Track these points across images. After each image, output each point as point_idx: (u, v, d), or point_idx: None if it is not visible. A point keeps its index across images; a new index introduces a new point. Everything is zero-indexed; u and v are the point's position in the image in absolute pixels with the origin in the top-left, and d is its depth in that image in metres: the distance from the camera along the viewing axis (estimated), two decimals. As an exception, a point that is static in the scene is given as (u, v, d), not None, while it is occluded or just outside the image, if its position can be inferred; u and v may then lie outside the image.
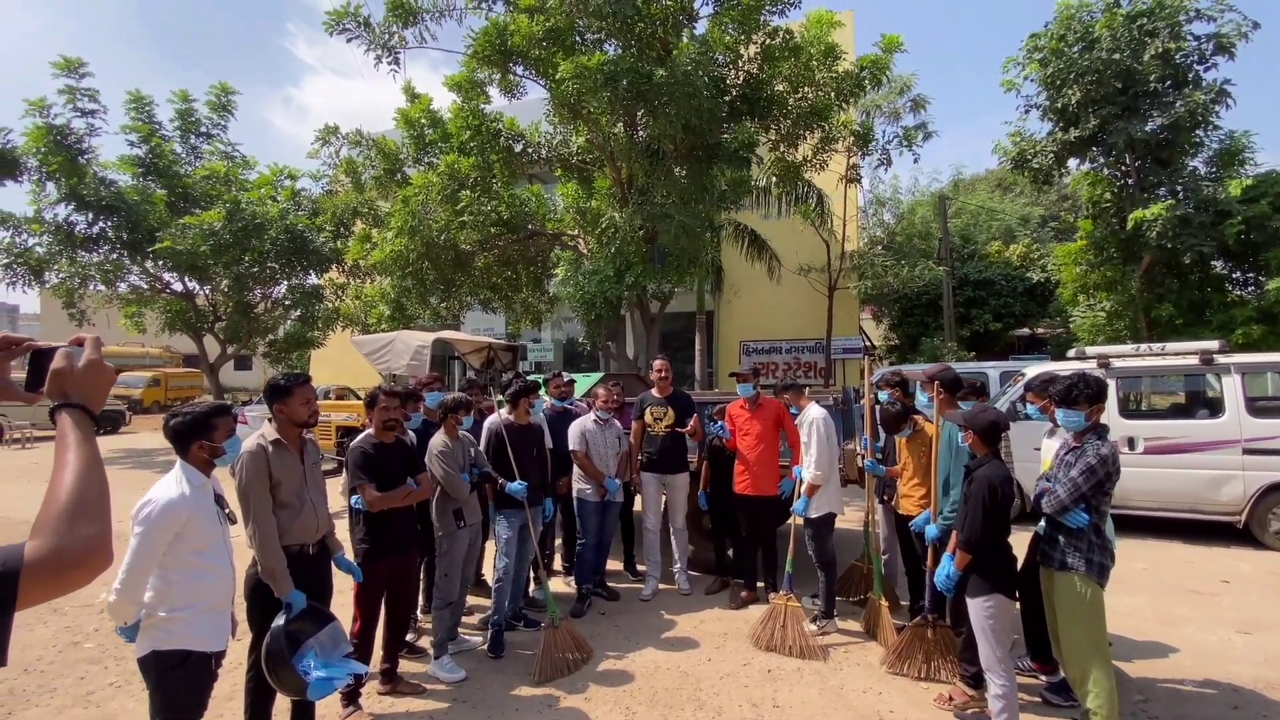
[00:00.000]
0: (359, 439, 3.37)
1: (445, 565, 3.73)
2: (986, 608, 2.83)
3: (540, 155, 11.26)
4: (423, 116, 11.78)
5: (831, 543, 4.34)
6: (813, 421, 4.23)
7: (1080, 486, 2.82)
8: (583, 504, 4.76)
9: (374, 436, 3.32)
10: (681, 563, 5.10)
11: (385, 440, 3.34)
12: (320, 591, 2.84)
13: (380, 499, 3.16)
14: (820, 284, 15.95)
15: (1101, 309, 11.83)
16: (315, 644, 2.66)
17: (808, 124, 10.12)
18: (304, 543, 2.77)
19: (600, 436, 4.80)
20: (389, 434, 3.37)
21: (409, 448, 3.46)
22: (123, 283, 16.05)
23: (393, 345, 6.97)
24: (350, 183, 12.46)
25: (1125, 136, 10.18)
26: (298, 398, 2.75)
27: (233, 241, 13.36)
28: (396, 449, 3.36)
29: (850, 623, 4.42)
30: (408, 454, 3.43)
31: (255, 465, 2.62)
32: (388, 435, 3.36)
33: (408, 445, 3.46)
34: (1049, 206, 31.45)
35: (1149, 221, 9.86)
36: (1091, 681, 2.81)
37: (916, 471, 3.92)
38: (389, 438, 3.36)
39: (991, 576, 2.83)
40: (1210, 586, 5.13)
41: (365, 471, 3.18)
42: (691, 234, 9.28)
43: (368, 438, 3.31)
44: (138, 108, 15.83)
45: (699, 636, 4.25)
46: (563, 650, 3.80)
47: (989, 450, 2.94)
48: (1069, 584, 2.93)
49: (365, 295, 12.07)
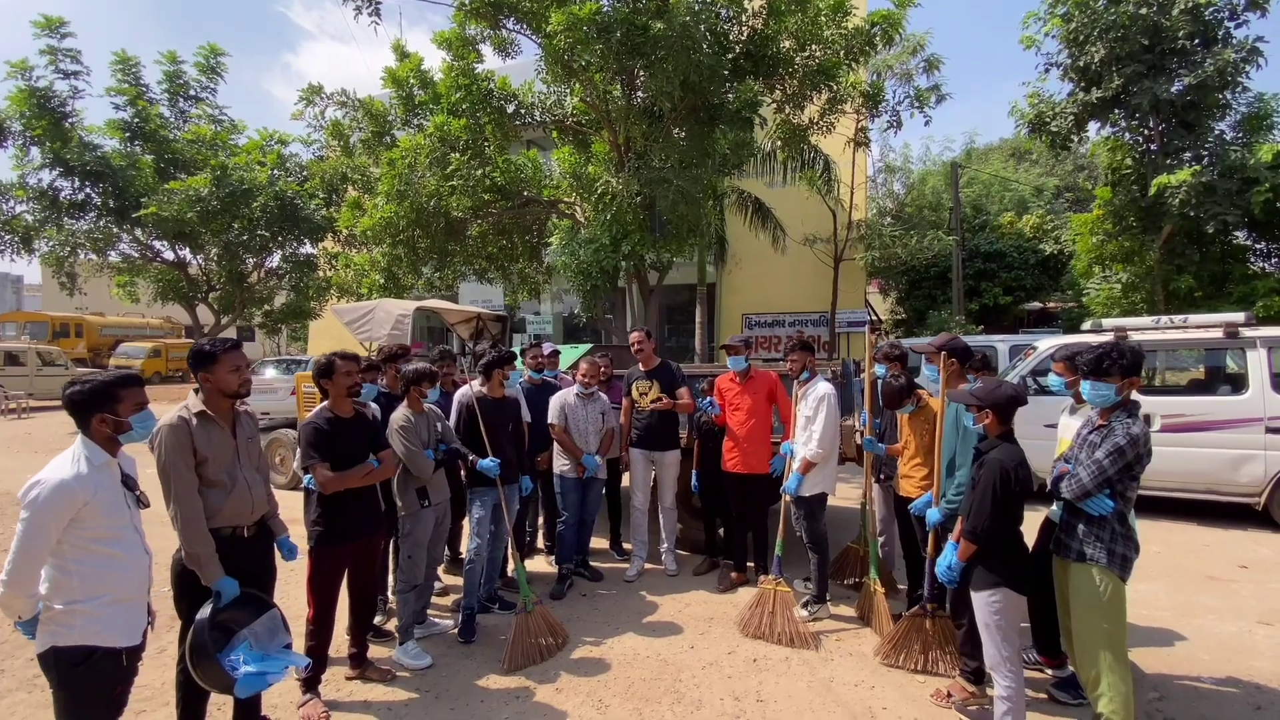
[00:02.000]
0: (312, 413, 3.08)
1: (409, 547, 3.48)
2: (993, 603, 2.56)
3: (534, 117, 10.77)
4: (411, 76, 11.28)
5: (824, 523, 4.08)
6: (825, 396, 3.93)
7: (1106, 470, 2.52)
8: (563, 481, 4.51)
9: (329, 410, 3.04)
10: (669, 542, 4.86)
11: (342, 413, 3.05)
12: (259, 577, 2.59)
13: (335, 479, 2.89)
14: (826, 255, 15.50)
15: (1118, 280, 11.38)
16: (250, 635, 2.42)
17: (815, 84, 9.60)
18: (237, 525, 2.50)
19: (581, 411, 4.52)
20: (348, 405, 3.08)
21: (369, 422, 3.17)
22: (113, 251, 15.74)
23: (373, 314, 6.67)
24: (339, 147, 12.01)
25: (1151, 97, 9.62)
26: (225, 365, 2.46)
27: (221, 208, 13.00)
28: (355, 423, 3.08)
29: (844, 608, 4.18)
30: (368, 429, 3.15)
31: (175, 440, 2.35)
32: (346, 407, 3.07)
33: (368, 419, 3.17)
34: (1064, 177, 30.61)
35: (1173, 188, 9.37)
36: (1106, 684, 2.55)
37: (918, 451, 3.62)
38: (348, 409, 3.08)
39: (999, 569, 2.55)
40: (1228, 573, 4.86)
41: (317, 449, 2.90)
42: (691, 200, 8.85)
43: (322, 412, 3.03)
44: (124, 69, 15.34)
45: (683, 621, 4.02)
46: (535, 636, 3.58)
47: (1004, 430, 2.63)
48: (1087, 577, 2.64)
49: (355, 264, 11.69)
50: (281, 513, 2.81)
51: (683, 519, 5.14)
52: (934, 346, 3.36)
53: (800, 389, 4.13)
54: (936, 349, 3.34)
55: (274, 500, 2.73)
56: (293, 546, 2.76)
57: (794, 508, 4.05)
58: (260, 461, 2.69)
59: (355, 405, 3.40)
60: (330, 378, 3.06)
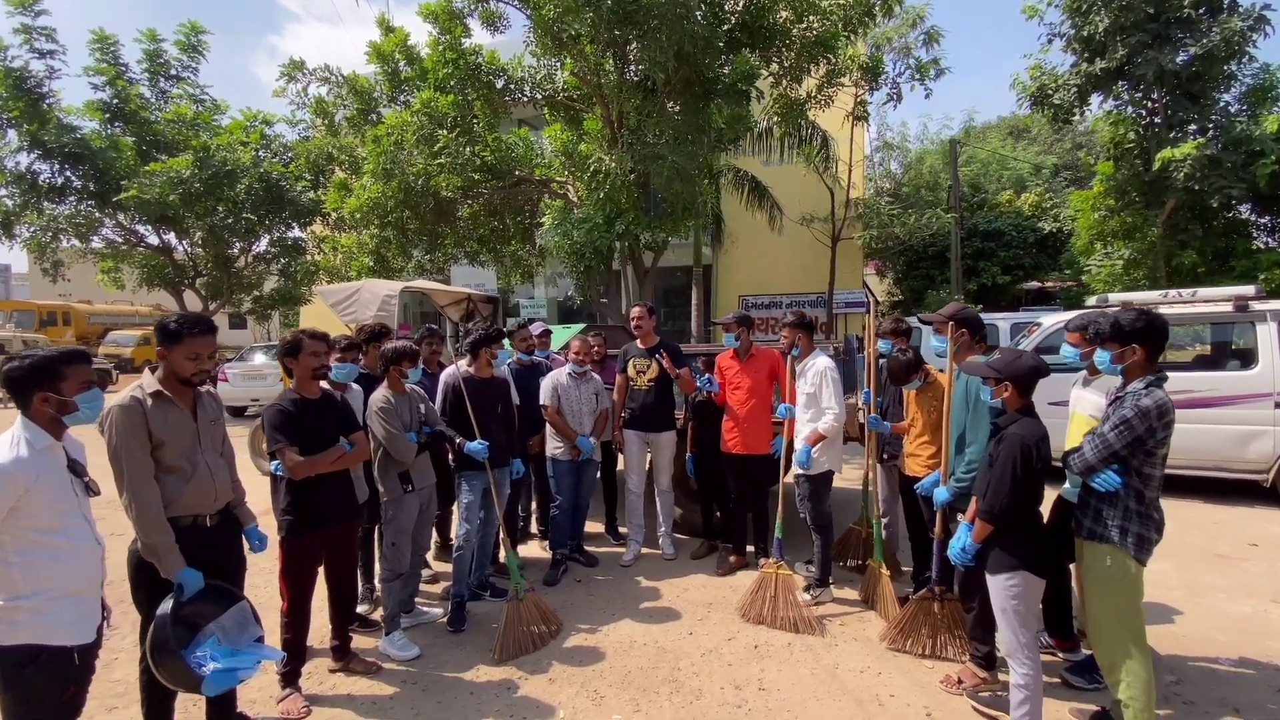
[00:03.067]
0: (279, 395, 2.89)
1: (392, 533, 3.32)
2: (1010, 586, 2.41)
3: (524, 93, 10.47)
4: (397, 51, 10.94)
5: (829, 503, 3.93)
6: (825, 370, 3.77)
7: (1111, 444, 2.37)
8: (556, 464, 4.34)
9: (295, 391, 2.85)
10: (666, 526, 4.72)
11: (309, 395, 2.87)
12: (225, 568, 2.42)
13: (303, 464, 2.71)
14: (823, 234, 15.27)
15: (1120, 257, 11.23)
16: (217, 629, 2.27)
17: (813, 56, 9.33)
18: (199, 513, 2.33)
19: (574, 391, 4.34)
20: (315, 386, 2.90)
21: (338, 404, 2.98)
22: (96, 237, 15.40)
23: (359, 295, 6.48)
24: (324, 126, 11.69)
25: (1155, 67, 9.40)
26: (184, 348, 2.26)
27: (204, 190, 12.69)
28: (323, 405, 2.90)
29: (847, 591, 4.05)
30: (338, 410, 2.96)
31: (129, 422, 2.16)
32: (313, 388, 2.89)
33: (336, 401, 2.99)
34: (1062, 155, 30.31)
35: (1177, 162, 9.18)
36: (1124, 670, 2.41)
37: (925, 428, 3.47)
38: (314, 391, 2.89)
39: (1018, 550, 2.40)
40: (1238, 550, 4.75)
41: (284, 432, 2.71)
42: (686, 177, 8.62)
43: (287, 394, 2.84)
44: (102, 49, 14.88)
45: (681, 607, 3.88)
46: (528, 624, 3.44)
47: (1024, 403, 2.47)
48: (1098, 556, 2.51)
49: (343, 247, 11.42)
50: (253, 502, 2.65)
51: (680, 502, 5.00)
52: (943, 316, 3.18)
53: (798, 365, 3.96)
54: (945, 319, 3.16)
55: (240, 488, 2.56)
56: (262, 536, 2.59)
57: (799, 486, 3.90)
58: (225, 446, 2.51)
59: (333, 385, 3.23)
60: (296, 357, 2.86)
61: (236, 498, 2.54)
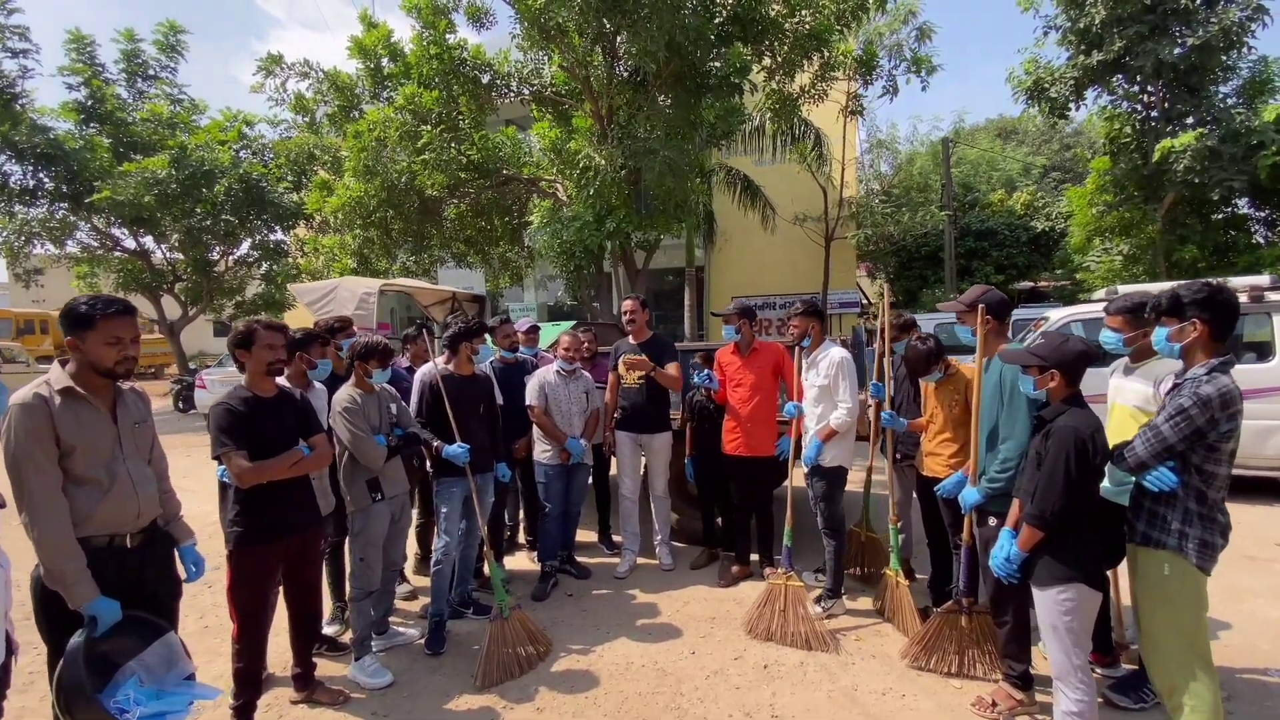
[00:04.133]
0: (226, 393, 2.55)
1: (360, 547, 2.99)
2: (1063, 601, 2.12)
3: (510, 88, 10.17)
4: (380, 46, 10.62)
5: (842, 504, 3.64)
6: (841, 361, 3.49)
7: (1166, 438, 2.09)
8: (544, 469, 4.02)
9: (247, 388, 2.52)
10: (663, 534, 4.41)
11: (262, 392, 2.54)
12: (153, 596, 2.08)
13: (252, 470, 2.38)
14: (816, 234, 15.07)
15: (1118, 253, 11.05)
16: (139, 668, 1.93)
17: (805, 50, 9.10)
18: (117, 532, 1.99)
19: (563, 390, 4.03)
20: (270, 383, 2.57)
21: (296, 402, 2.65)
22: (71, 241, 14.94)
23: (335, 293, 6.13)
24: (304, 124, 11.33)
25: (1153, 59, 9.23)
26: (101, 333, 1.93)
27: (180, 191, 12.28)
28: (278, 404, 2.57)
29: (861, 600, 3.76)
30: (296, 410, 2.63)
31: (31, 423, 1.83)
32: (267, 385, 2.56)
33: (295, 399, 2.66)
34: (1051, 156, 30.39)
35: (1177, 153, 9.01)
36: (1188, 694, 2.13)
37: (946, 424, 3.18)
38: (269, 388, 2.56)
39: (1071, 560, 2.11)
40: (1266, 551, 4.50)
41: (231, 435, 2.38)
42: (678, 172, 8.34)
43: (237, 391, 2.51)
44: (78, 48, 14.48)
45: (682, 623, 3.57)
46: (513, 645, 3.11)
47: (1071, 392, 2.18)
48: (1154, 564, 2.23)
49: (324, 247, 11.04)
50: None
51: (678, 508, 4.69)
52: (965, 303, 2.90)
53: (808, 357, 3.68)
54: (969, 305, 2.88)
55: (173, 500, 2.23)
56: (199, 558, 2.25)
57: (811, 487, 3.61)
58: (154, 452, 2.17)
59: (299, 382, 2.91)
60: (248, 349, 2.53)
61: (168, 513, 2.20)
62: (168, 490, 2.25)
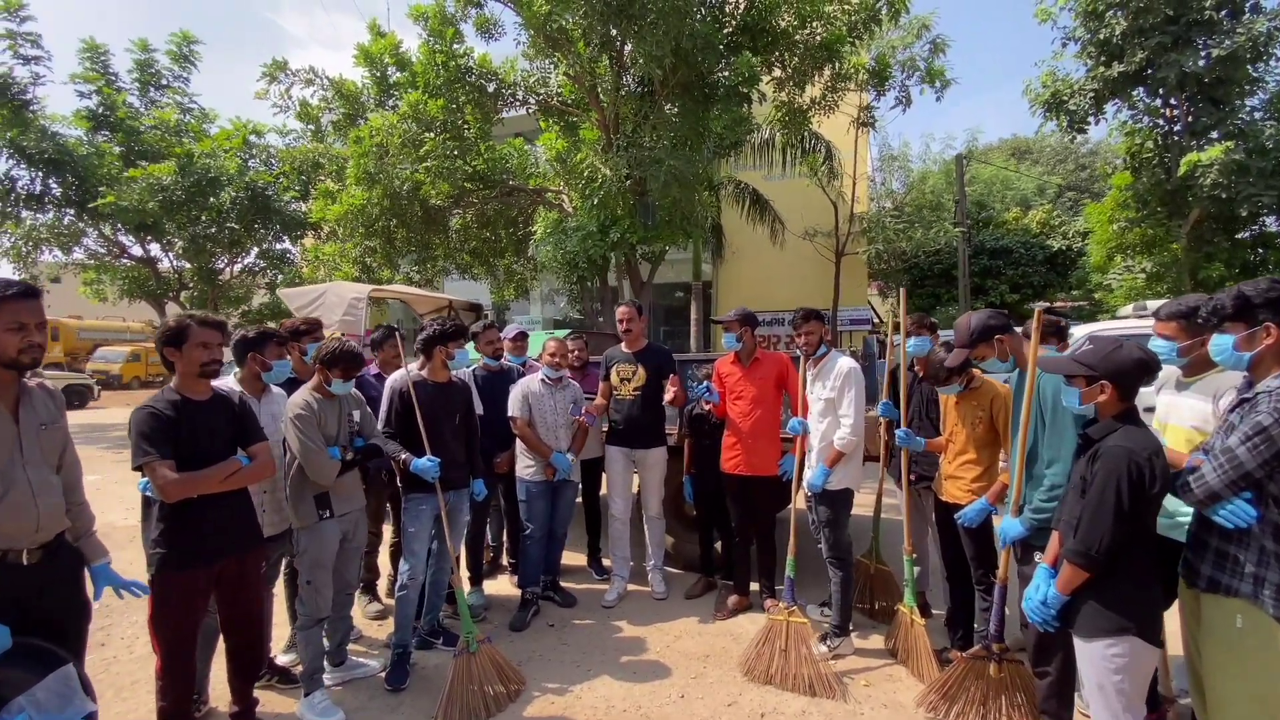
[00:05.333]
0: (151, 396, 2.27)
1: (306, 569, 2.68)
2: (1113, 656, 1.77)
3: (516, 97, 10.03)
4: (387, 55, 10.56)
5: (849, 531, 3.30)
6: (849, 373, 3.18)
7: (1243, 463, 1.75)
8: (527, 487, 3.71)
9: (176, 390, 2.25)
10: (656, 559, 4.07)
11: (194, 395, 2.26)
12: (53, 620, 1.80)
13: (178, 482, 2.09)
14: (827, 249, 14.78)
15: (1141, 270, 10.67)
16: (28, 704, 1.64)
17: (817, 60, 8.90)
18: (11, 547, 1.72)
19: (548, 400, 3.73)
20: (203, 385, 2.29)
21: (234, 406, 2.37)
22: (78, 247, 14.94)
23: (324, 297, 5.92)
24: (310, 132, 11.27)
25: (1177, 70, 8.94)
26: (1, 319, 1.68)
27: (185, 198, 12.20)
28: (213, 407, 2.29)
29: (872, 639, 3.40)
30: (233, 416, 2.35)
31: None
32: (200, 387, 2.29)
33: (232, 404, 2.37)
34: (1066, 175, 30.06)
35: (1204, 167, 8.68)
36: (1266, 769, 1.77)
37: (969, 443, 2.85)
38: (202, 390, 2.29)
39: (1124, 607, 1.77)
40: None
41: (155, 442, 2.10)
42: (684, 183, 8.13)
43: (165, 393, 2.24)
44: (92, 57, 14.61)
45: (672, 660, 3.22)
46: (480, 683, 2.79)
47: (1124, 407, 1.86)
48: (1224, 615, 1.87)
49: (324, 255, 10.90)
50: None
51: (673, 530, 4.36)
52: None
53: (813, 368, 3.37)
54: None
55: (86, 513, 1.96)
56: (113, 577, 1.97)
57: (813, 511, 3.28)
58: (64, 459, 1.91)
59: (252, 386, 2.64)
60: (179, 347, 2.25)
61: (79, 527, 1.93)
62: (79, 502, 1.98)
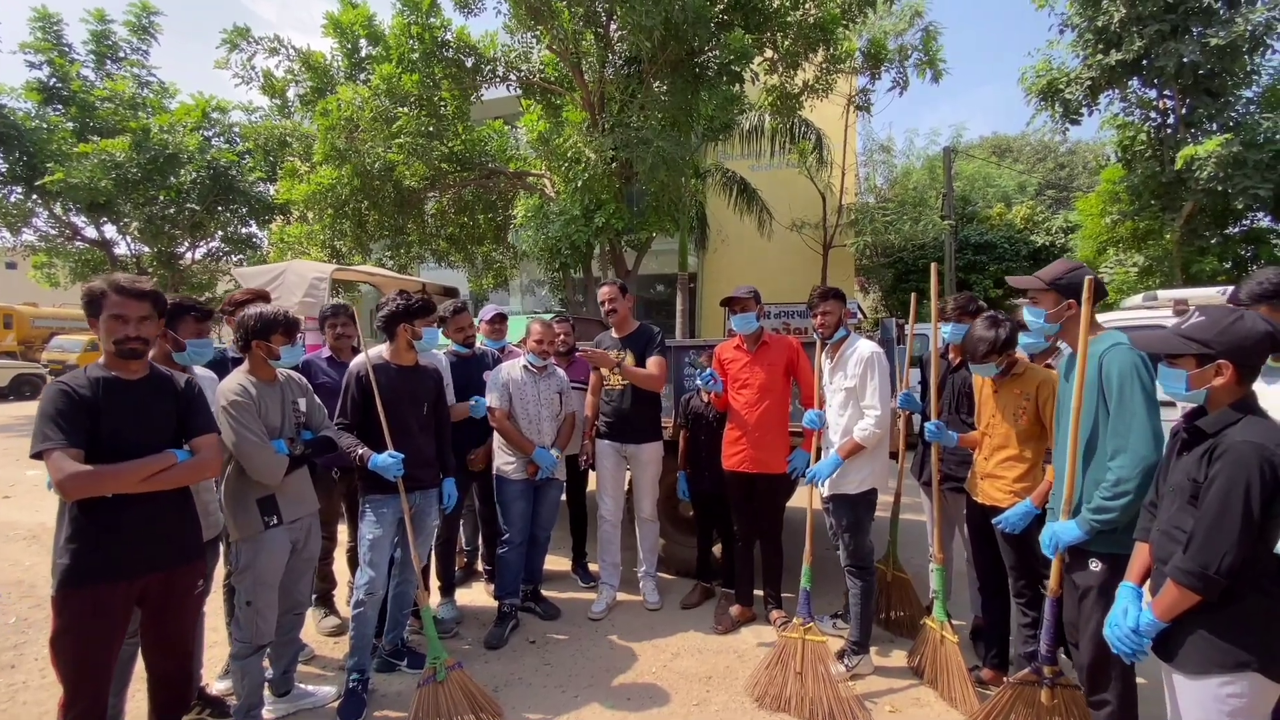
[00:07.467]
0: (70, 373, 1.83)
1: (248, 588, 2.25)
2: (1227, 696, 1.44)
3: (496, 73, 9.52)
4: (359, 26, 9.97)
5: (870, 536, 2.96)
6: (871, 358, 2.83)
7: None
8: (504, 485, 3.30)
9: (103, 367, 1.80)
10: (649, 564, 3.69)
11: (125, 374, 1.82)
12: None
13: (85, 476, 1.65)
14: (814, 241, 14.51)
15: (1133, 265, 10.54)
16: None
17: (810, 41, 8.56)
18: None
19: (531, 390, 3.32)
20: (129, 363, 1.85)
21: (176, 389, 1.92)
22: (28, 229, 14.06)
23: (283, 277, 5.41)
24: (275, 107, 10.61)
25: (1175, 59, 8.77)
26: None
27: (141, 176, 11.48)
28: (147, 388, 1.85)
29: (893, 654, 3.06)
30: (173, 399, 1.90)
31: None
32: (126, 365, 1.84)
33: (175, 385, 1.93)
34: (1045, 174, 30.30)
35: (1200, 159, 8.52)
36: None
37: (1011, 438, 2.52)
38: (132, 369, 1.84)
39: (1244, 639, 1.43)
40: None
41: (62, 426, 1.66)
42: (673, 165, 7.72)
43: (89, 369, 1.79)
44: (44, 26, 13.71)
45: (670, 683, 2.85)
46: (449, 714, 2.39)
47: (1243, 393, 1.51)
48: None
49: (289, 236, 10.28)
50: None
51: (667, 533, 3.99)
52: (1046, 281, 2.23)
53: (831, 353, 3.01)
54: (1049, 283, 2.21)
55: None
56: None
57: (832, 515, 2.93)
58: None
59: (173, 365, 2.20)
60: (96, 317, 1.82)
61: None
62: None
